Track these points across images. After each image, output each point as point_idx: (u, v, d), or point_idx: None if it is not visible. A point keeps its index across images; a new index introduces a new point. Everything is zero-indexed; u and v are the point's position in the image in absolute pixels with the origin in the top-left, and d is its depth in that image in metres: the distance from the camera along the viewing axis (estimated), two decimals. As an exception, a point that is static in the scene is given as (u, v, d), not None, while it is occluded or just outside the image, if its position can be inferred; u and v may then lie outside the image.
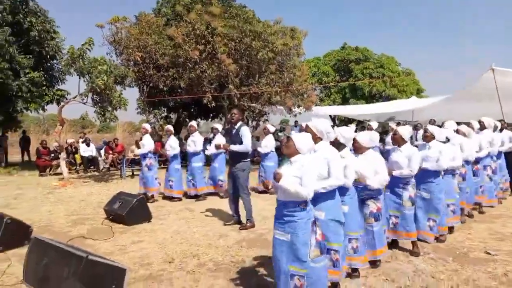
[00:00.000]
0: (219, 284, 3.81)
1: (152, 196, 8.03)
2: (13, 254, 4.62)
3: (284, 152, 3.20)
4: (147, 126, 8.42)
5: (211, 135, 9.29)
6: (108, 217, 6.44)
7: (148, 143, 8.05)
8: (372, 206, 4.08)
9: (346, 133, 3.89)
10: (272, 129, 9.36)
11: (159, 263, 4.41)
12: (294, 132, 11.53)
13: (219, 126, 8.86)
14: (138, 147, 9.43)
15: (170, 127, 8.55)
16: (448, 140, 5.37)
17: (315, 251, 3.06)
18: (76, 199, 8.43)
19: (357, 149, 4.11)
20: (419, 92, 25.27)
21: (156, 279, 3.95)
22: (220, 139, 8.40)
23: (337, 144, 3.78)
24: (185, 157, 9.71)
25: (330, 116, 18.17)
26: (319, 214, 3.35)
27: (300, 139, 3.17)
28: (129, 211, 6.06)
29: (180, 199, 8.15)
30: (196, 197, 8.26)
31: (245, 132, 5.78)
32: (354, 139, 4.07)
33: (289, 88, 13.05)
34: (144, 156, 8.10)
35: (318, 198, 3.33)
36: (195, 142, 8.20)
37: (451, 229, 5.40)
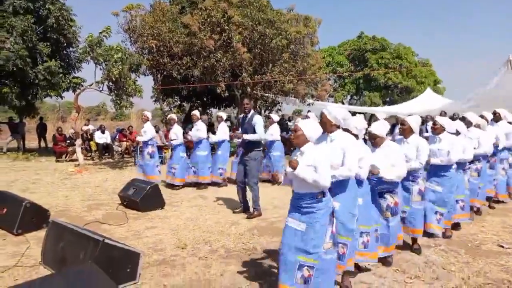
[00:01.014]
0: (230, 270, 3.87)
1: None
2: (31, 237, 4.76)
3: (294, 142, 3.06)
4: (148, 114, 8.44)
5: (216, 123, 9.32)
6: (122, 203, 6.56)
7: (149, 130, 8.08)
8: (389, 200, 3.93)
9: (359, 124, 3.69)
10: (276, 118, 9.34)
11: (172, 249, 4.50)
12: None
13: (223, 115, 8.86)
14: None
15: (173, 116, 8.59)
16: (458, 133, 5.11)
17: (329, 243, 2.98)
18: (92, 185, 8.61)
19: (377, 143, 3.94)
20: (435, 84, 24.82)
21: (169, 264, 4.04)
22: (223, 128, 8.46)
23: (326, 125, 3.51)
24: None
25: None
26: (334, 204, 3.20)
27: (308, 126, 3.02)
28: (143, 198, 6.17)
29: (181, 187, 8.18)
30: (197, 185, 8.29)
31: (258, 121, 5.82)
32: (370, 133, 3.94)
33: (302, 77, 12.97)
34: (146, 143, 8.15)
35: (334, 188, 3.20)
36: (199, 130, 8.22)
37: (457, 226, 5.21)
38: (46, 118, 22.22)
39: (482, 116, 6.18)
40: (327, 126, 3.32)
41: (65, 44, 15.09)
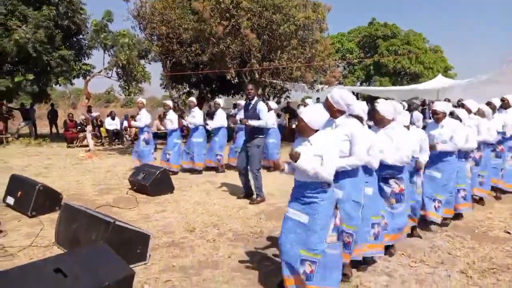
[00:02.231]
0: (238, 253, 3.96)
1: None
2: (45, 219, 4.90)
3: (301, 134, 2.92)
4: (143, 100, 8.43)
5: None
6: (132, 188, 6.68)
7: (145, 117, 8.09)
8: (394, 186, 3.72)
9: (366, 107, 3.48)
10: (274, 106, 9.30)
11: (181, 232, 4.60)
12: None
13: (220, 101, 8.86)
14: (161, 122, 9.62)
15: (169, 102, 8.60)
16: (459, 119, 4.93)
17: (333, 236, 2.85)
18: (102, 170, 8.76)
19: (378, 122, 3.69)
20: (446, 70, 24.50)
21: (178, 246, 4.14)
22: (221, 114, 8.48)
23: (332, 110, 3.35)
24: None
25: (353, 92, 17.87)
26: (337, 193, 3.08)
27: (309, 115, 2.85)
28: (153, 182, 6.28)
29: (176, 173, 8.21)
30: (192, 171, 8.34)
31: (262, 107, 5.84)
32: (375, 110, 3.67)
33: (310, 64, 12.87)
34: (142, 130, 8.17)
35: (338, 175, 3.03)
36: (195, 117, 8.24)
37: (459, 216, 5.04)
38: (57, 104, 22.49)
39: (489, 103, 5.95)
40: (331, 111, 3.19)
41: (75, 31, 15.18)
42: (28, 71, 13.36)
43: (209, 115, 11.36)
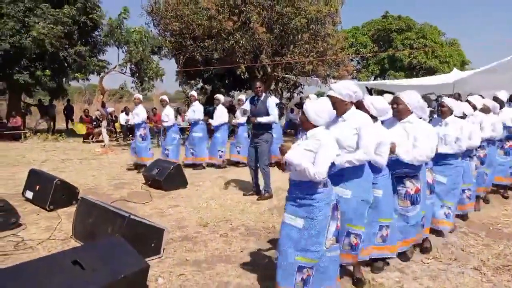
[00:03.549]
0: (250, 247, 4.00)
1: (145, 165, 7.80)
2: (62, 213, 5.03)
3: (304, 127, 2.77)
4: (141, 96, 8.43)
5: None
6: (146, 183, 6.78)
7: (141, 113, 8.03)
8: (409, 185, 3.43)
9: (379, 104, 3.25)
10: (276, 100, 9.25)
11: (194, 226, 4.67)
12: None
13: (220, 97, 8.84)
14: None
15: (164, 97, 8.62)
16: (465, 115, 4.60)
17: (332, 239, 2.66)
18: (117, 165, 8.91)
19: (400, 112, 3.37)
20: (463, 65, 24.04)
21: (191, 241, 4.21)
22: (221, 110, 8.50)
23: (339, 104, 3.12)
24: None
25: (367, 87, 17.71)
26: (344, 193, 2.92)
27: (313, 109, 2.67)
28: (167, 177, 6.36)
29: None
30: (194, 166, 8.36)
31: (271, 103, 5.82)
32: (397, 99, 3.39)
33: (323, 58, 12.78)
34: (138, 126, 8.08)
35: (345, 174, 2.92)
36: (195, 111, 8.26)
37: (463, 217, 4.85)
38: (73, 100, 22.85)
39: (496, 99, 5.64)
40: (339, 106, 2.98)
41: (91, 28, 15.40)
42: (45, 67, 13.62)
43: (230, 110, 11.38)
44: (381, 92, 20.04)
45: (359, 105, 3.20)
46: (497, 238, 4.29)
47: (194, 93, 8.73)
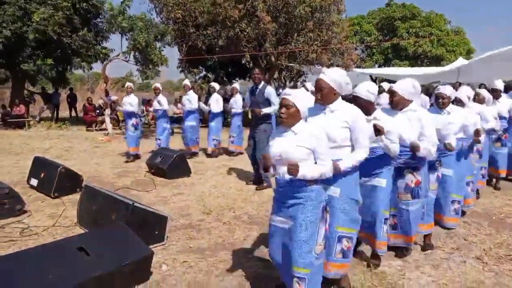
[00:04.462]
0: (253, 235, 4.03)
1: (137, 155, 8.03)
2: (67, 200, 5.06)
3: (286, 122, 2.41)
4: (132, 85, 8.35)
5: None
6: (150, 171, 6.81)
7: (134, 102, 7.93)
8: (409, 178, 3.24)
9: (374, 88, 3.04)
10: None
11: (197, 214, 4.70)
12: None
13: (216, 86, 8.80)
14: (177, 106, 9.70)
15: (158, 85, 8.55)
16: (463, 104, 4.40)
17: (321, 245, 2.43)
18: (120, 153, 8.93)
19: (396, 103, 3.23)
20: (468, 53, 23.76)
21: (195, 228, 4.24)
22: (217, 97, 8.47)
23: (367, 105, 3.03)
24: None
25: (371, 76, 17.58)
26: (333, 191, 2.68)
27: (302, 100, 2.41)
28: (170, 165, 6.38)
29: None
30: (190, 155, 8.21)
31: (272, 92, 5.74)
32: (391, 91, 3.25)
33: (327, 47, 12.68)
34: (130, 115, 7.97)
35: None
36: (190, 101, 8.22)
37: (463, 212, 4.64)
38: (75, 89, 22.87)
39: (494, 90, 5.53)
40: (327, 94, 2.67)
41: (93, 14, 15.30)
42: (49, 55, 13.59)
43: (225, 100, 11.39)
44: (381, 82, 19.90)
45: (356, 99, 3.05)
46: (500, 228, 4.29)
47: (187, 82, 8.64)
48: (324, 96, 2.68)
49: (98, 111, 14.73)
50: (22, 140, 11.03)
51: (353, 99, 3.04)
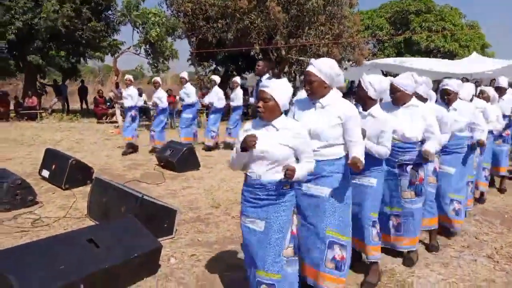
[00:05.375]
0: (261, 230, 4.02)
1: (132, 145, 8.09)
2: (78, 192, 5.12)
3: (265, 116, 2.20)
4: (131, 77, 8.32)
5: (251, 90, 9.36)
6: (159, 164, 6.85)
7: (134, 94, 7.91)
8: (412, 175, 3.06)
9: (377, 84, 2.77)
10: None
11: (206, 208, 4.72)
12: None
13: (216, 78, 8.73)
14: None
15: (158, 79, 8.53)
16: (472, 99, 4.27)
17: (289, 248, 2.26)
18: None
19: (398, 98, 3.05)
20: (483, 48, 23.32)
21: (203, 222, 4.26)
22: (218, 90, 8.44)
23: (366, 100, 2.84)
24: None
25: (382, 71, 17.35)
26: (320, 191, 2.47)
27: (281, 92, 2.18)
28: (180, 159, 6.41)
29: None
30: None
31: None
32: (392, 86, 3.04)
33: (338, 41, 12.56)
34: (130, 107, 7.97)
35: (323, 170, 2.46)
36: (188, 94, 8.20)
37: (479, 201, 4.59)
38: (87, 81, 23.05)
39: (498, 88, 5.36)
40: (317, 88, 2.44)
41: (104, 7, 15.36)
42: (61, 47, 13.70)
43: (245, 91, 11.36)
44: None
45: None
46: (512, 226, 4.23)
47: (184, 75, 8.51)
48: (314, 89, 2.45)
49: (108, 103, 14.83)
50: (34, 131, 11.18)
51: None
